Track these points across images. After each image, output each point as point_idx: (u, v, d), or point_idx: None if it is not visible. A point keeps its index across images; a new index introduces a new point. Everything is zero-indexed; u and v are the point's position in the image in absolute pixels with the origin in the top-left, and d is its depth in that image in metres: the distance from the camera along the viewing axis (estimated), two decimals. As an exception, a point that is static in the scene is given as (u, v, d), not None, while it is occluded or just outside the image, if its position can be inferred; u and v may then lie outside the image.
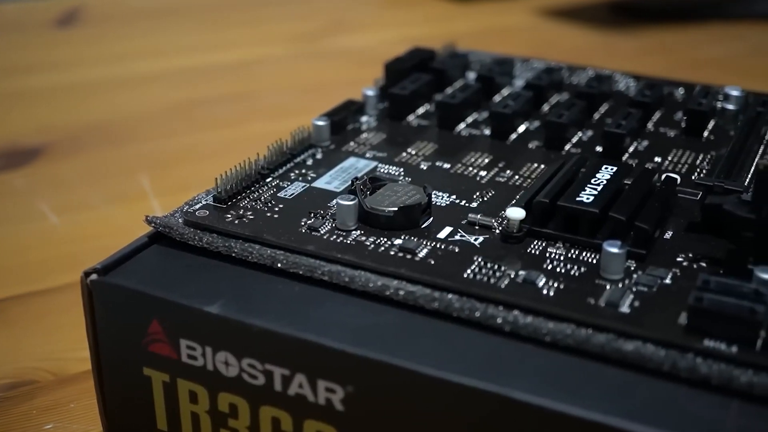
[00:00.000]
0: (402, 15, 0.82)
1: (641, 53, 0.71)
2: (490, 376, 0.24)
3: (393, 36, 0.74)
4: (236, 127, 0.56)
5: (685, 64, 0.68)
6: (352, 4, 0.86)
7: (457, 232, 0.30)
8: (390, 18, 0.82)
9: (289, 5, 0.83)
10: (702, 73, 0.63)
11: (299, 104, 0.60)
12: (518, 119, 0.38)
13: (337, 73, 0.66)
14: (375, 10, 0.86)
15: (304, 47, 0.72)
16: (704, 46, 0.72)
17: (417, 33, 0.74)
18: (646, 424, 0.23)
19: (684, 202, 0.32)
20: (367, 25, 0.79)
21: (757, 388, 0.23)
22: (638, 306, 0.26)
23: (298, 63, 0.69)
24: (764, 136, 0.37)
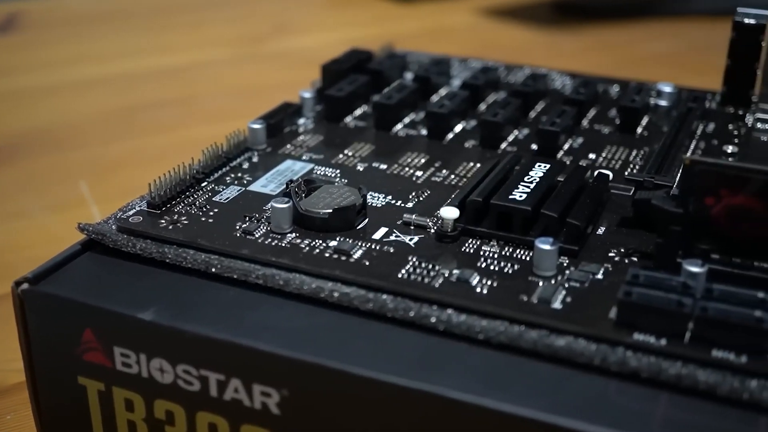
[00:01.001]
0: (345, 16, 0.82)
1: (583, 51, 0.72)
2: (424, 375, 0.24)
3: (336, 38, 0.74)
4: (178, 131, 0.56)
5: (625, 61, 0.69)
6: (295, 6, 0.86)
7: (393, 232, 0.30)
8: (333, 19, 0.82)
9: (232, 8, 0.83)
10: (642, 70, 0.64)
11: (242, 108, 0.60)
12: (455, 119, 0.38)
13: (280, 76, 0.66)
14: (318, 11, 0.85)
15: (246, 50, 0.72)
16: (644, 43, 0.73)
17: (360, 34, 0.74)
18: (576, 418, 0.23)
19: (617, 197, 0.32)
20: (311, 27, 0.79)
21: (685, 380, 0.24)
22: (570, 302, 0.26)
23: (241, 66, 0.68)
24: (696, 131, 0.38)
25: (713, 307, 0.25)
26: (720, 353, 0.24)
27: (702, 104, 0.39)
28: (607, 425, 0.23)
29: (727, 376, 0.24)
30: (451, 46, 0.69)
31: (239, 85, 0.64)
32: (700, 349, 0.24)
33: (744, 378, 0.24)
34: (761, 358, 0.24)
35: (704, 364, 0.24)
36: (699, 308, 0.25)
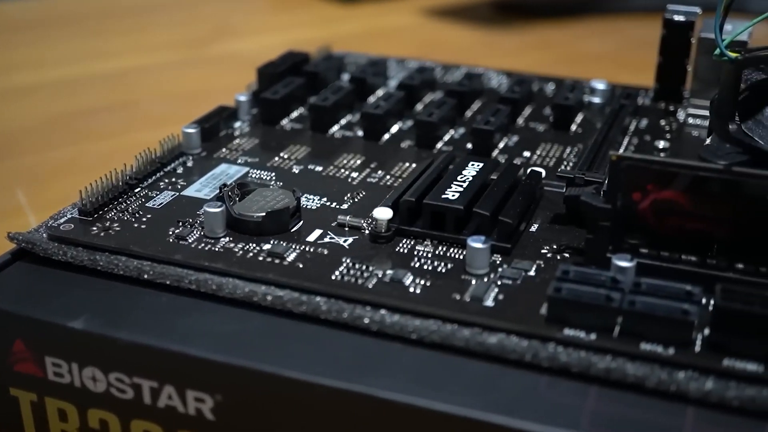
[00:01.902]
0: (288, 19, 0.81)
1: (523, 50, 0.72)
2: (357, 376, 0.24)
3: (279, 40, 0.73)
4: (118, 137, 0.55)
5: (565, 58, 0.69)
6: (238, 9, 0.85)
7: (327, 234, 0.30)
8: (276, 22, 0.81)
9: (173, 12, 0.82)
10: (581, 68, 0.65)
11: (184, 112, 0.59)
12: (391, 119, 0.38)
13: (222, 79, 0.65)
14: (261, 14, 0.85)
15: (188, 54, 0.71)
16: (583, 41, 0.74)
17: (303, 36, 0.74)
18: (506, 415, 0.23)
19: (550, 195, 0.33)
20: (253, 29, 0.79)
21: (614, 374, 0.24)
22: (502, 299, 0.27)
23: (183, 70, 0.68)
24: (629, 128, 0.39)
25: (641, 300, 0.25)
26: (648, 346, 0.25)
27: (635, 101, 0.40)
28: (537, 421, 0.23)
29: (655, 369, 0.24)
30: (393, 47, 0.69)
31: (181, 90, 0.64)
32: (629, 342, 0.25)
33: (671, 370, 0.24)
34: (688, 350, 0.24)
35: (633, 357, 0.24)
36: (627, 302, 0.25)
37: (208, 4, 0.85)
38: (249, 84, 0.41)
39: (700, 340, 0.25)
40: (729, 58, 0.29)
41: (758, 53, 0.29)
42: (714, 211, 0.27)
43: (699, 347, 0.25)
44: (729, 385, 0.23)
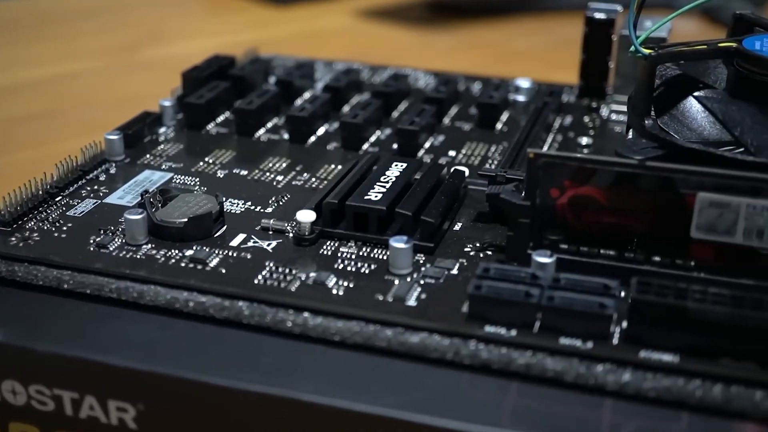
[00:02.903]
0: (222, 22, 0.81)
1: (457, 49, 0.73)
2: (279, 380, 0.24)
3: (213, 44, 0.73)
4: (44, 146, 0.54)
5: (498, 57, 0.70)
6: (171, 13, 0.84)
7: (251, 238, 0.30)
8: (210, 26, 0.81)
9: (104, 17, 0.81)
10: (514, 66, 0.65)
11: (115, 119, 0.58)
12: (317, 122, 0.38)
13: (155, 85, 0.64)
14: (195, 18, 0.84)
15: (120, 59, 0.70)
16: (516, 40, 0.75)
17: (236, 39, 0.73)
18: (428, 413, 0.23)
19: (474, 193, 0.33)
20: (186, 34, 0.78)
21: (534, 369, 0.24)
22: (425, 298, 0.27)
23: (114, 76, 0.67)
24: (553, 125, 0.39)
25: (559, 296, 0.25)
26: (567, 341, 0.25)
27: (558, 98, 0.40)
28: (458, 418, 0.23)
29: (574, 363, 0.24)
30: (328, 49, 0.69)
31: (111, 96, 0.63)
32: (549, 337, 0.25)
33: (590, 363, 0.24)
34: (606, 343, 0.25)
35: (553, 352, 0.25)
36: (546, 298, 0.25)
37: (139, 9, 0.84)
38: (174, 89, 0.40)
39: (618, 333, 0.25)
40: (643, 54, 0.30)
41: (671, 49, 0.30)
42: (630, 205, 0.27)
43: (617, 340, 0.25)
44: (646, 376, 0.24)
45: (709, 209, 0.26)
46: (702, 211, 0.26)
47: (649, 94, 0.30)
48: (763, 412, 0.23)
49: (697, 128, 0.29)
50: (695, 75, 0.32)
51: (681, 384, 0.24)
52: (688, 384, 0.23)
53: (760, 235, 0.26)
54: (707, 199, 0.26)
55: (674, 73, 0.32)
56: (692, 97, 0.30)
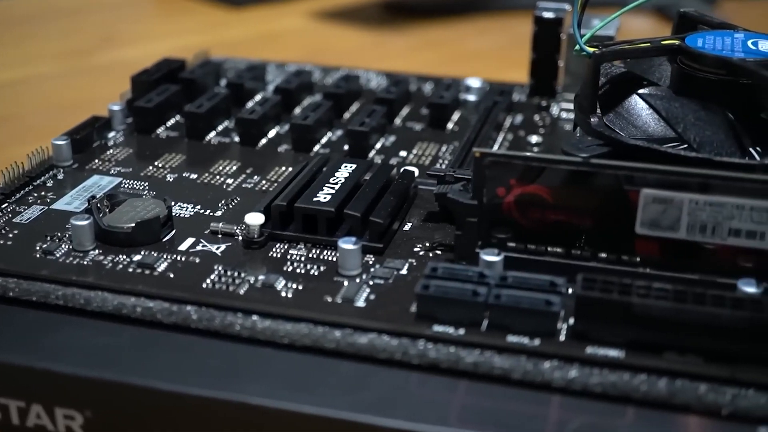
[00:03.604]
0: (177, 25, 0.80)
1: (412, 50, 0.73)
2: (228, 384, 0.24)
3: (168, 47, 0.72)
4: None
5: (453, 57, 0.70)
6: (125, 16, 0.84)
7: (200, 242, 0.30)
8: (165, 29, 0.80)
9: (56, 22, 0.80)
10: (469, 66, 0.65)
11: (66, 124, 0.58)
12: (268, 124, 0.38)
13: (106, 89, 0.64)
14: (148, 21, 0.84)
15: (74, 64, 0.70)
16: (471, 39, 0.75)
17: (192, 42, 0.72)
18: (376, 414, 0.23)
19: (425, 193, 0.33)
20: (141, 37, 0.78)
21: (482, 367, 0.24)
22: (374, 299, 0.27)
23: (68, 81, 0.66)
24: (503, 124, 0.39)
25: (506, 294, 0.25)
26: (515, 338, 0.25)
27: (509, 97, 0.41)
28: (406, 418, 0.23)
29: (521, 360, 0.24)
30: (282, 51, 0.68)
31: (63, 101, 0.62)
32: (497, 336, 0.25)
33: (537, 361, 0.24)
34: (553, 340, 0.25)
35: (500, 350, 0.25)
36: (493, 296, 0.25)
37: (93, 13, 0.83)
38: (123, 93, 0.40)
39: (565, 330, 0.25)
40: (587, 53, 0.30)
41: (615, 47, 0.30)
42: (576, 202, 0.27)
43: (564, 337, 0.25)
44: (592, 372, 0.24)
45: (653, 205, 0.26)
46: (646, 207, 0.26)
47: (594, 92, 0.30)
48: (706, 405, 0.23)
49: (642, 125, 0.30)
50: (641, 73, 0.33)
51: (626, 379, 0.24)
52: (633, 379, 0.24)
53: (703, 230, 0.26)
54: (651, 196, 0.26)
55: (619, 71, 0.32)
56: (636, 94, 0.30)
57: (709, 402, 0.23)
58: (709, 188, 0.26)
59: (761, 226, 0.26)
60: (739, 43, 0.30)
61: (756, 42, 0.30)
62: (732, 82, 0.29)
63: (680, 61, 0.31)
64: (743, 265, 0.27)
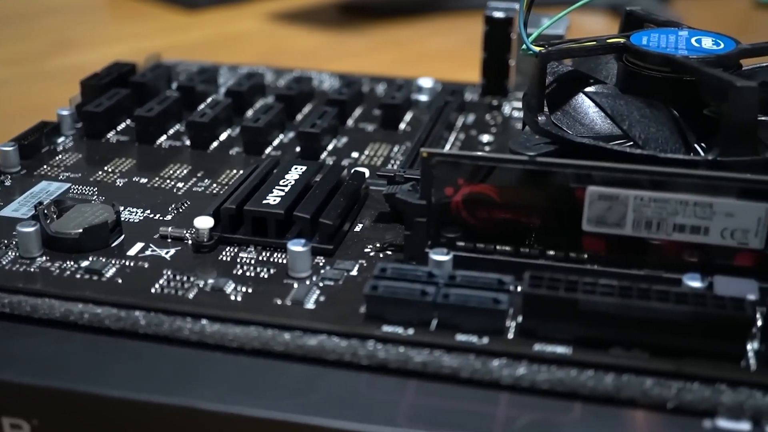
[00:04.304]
0: (131, 29, 0.80)
1: (369, 50, 0.73)
2: (177, 389, 0.24)
3: (123, 51, 0.72)
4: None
5: (411, 58, 0.70)
6: (79, 20, 0.83)
7: (149, 247, 0.29)
8: (120, 33, 0.80)
9: (8, 26, 0.79)
10: (426, 66, 0.66)
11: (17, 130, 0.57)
12: (219, 127, 0.38)
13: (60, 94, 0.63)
14: (103, 26, 0.83)
15: (25, 69, 0.69)
16: (428, 39, 0.75)
17: (148, 46, 0.72)
18: (326, 416, 0.23)
19: (376, 194, 0.33)
20: (95, 41, 0.77)
21: (431, 367, 0.25)
22: (324, 301, 0.27)
23: (18, 86, 0.66)
24: (455, 124, 0.39)
25: (454, 293, 0.25)
26: (464, 337, 0.25)
27: (461, 97, 0.41)
28: (355, 419, 0.23)
29: (469, 359, 0.25)
30: (239, 54, 0.68)
31: (16, 107, 0.61)
32: (446, 335, 0.25)
33: (486, 359, 0.25)
34: (501, 338, 0.25)
35: (449, 349, 0.25)
36: (441, 296, 0.25)
37: (46, 17, 0.83)
38: (72, 97, 0.40)
39: (513, 328, 0.26)
40: (533, 52, 0.30)
41: (560, 46, 0.30)
42: (524, 201, 0.27)
43: (512, 334, 0.25)
44: (540, 369, 0.24)
45: (599, 202, 0.26)
46: (592, 204, 0.26)
47: (541, 91, 0.30)
48: (652, 399, 0.23)
49: (589, 123, 0.30)
50: (589, 71, 0.33)
51: (574, 375, 0.24)
52: (580, 375, 0.24)
53: (648, 226, 0.26)
54: (596, 193, 0.26)
55: (566, 70, 0.32)
56: (582, 93, 0.30)
57: (655, 396, 0.23)
58: (654, 185, 0.26)
59: (705, 221, 0.26)
60: (683, 41, 0.31)
61: (699, 39, 0.31)
62: (676, 79, 0.29)
63: (626, 59, 0.31)
64: (688, 260, 0.27)
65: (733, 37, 0.31)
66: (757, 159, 0.27)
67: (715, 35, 0.31)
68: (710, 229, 0.26)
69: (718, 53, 0.29)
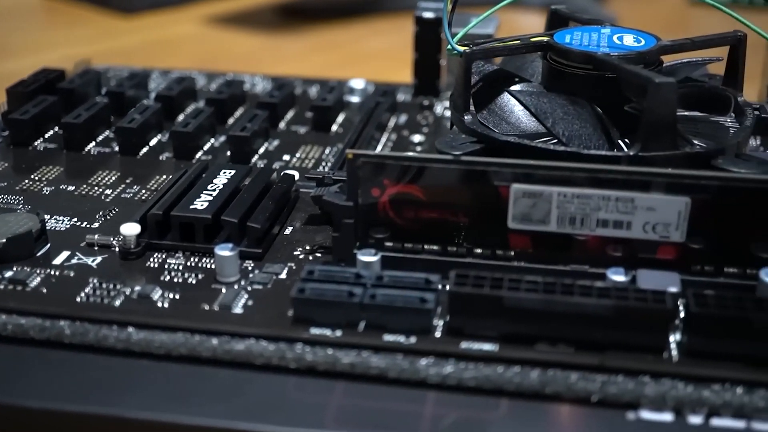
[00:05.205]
0: (67, 35, 0.79)
1: (309, 52, 0.73)
2: (103, 399, 0.24)
3: (57, 57, 0.71)
4: None
5: (351, 59, 0.70)
6: (13, 26, 0.82)
7: (75, 255, 0.29)
8: (54, 38, 0.79)
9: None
10: (365, 67, 0.66)
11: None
12: (149, 133, 0.38)
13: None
14: (38, 31, 0.82)
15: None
16: (368, 40, 0.75)
17: (83, 51, 0.71)
18: (253, 420, 0.23)
19: (306, 196, 0.33)
20: (30, 47, 0.76)
21: (359, 368, 0.25)
22: (252, 305, 0.27)
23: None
24: (387, 124, 0.39)
25: (381, 293, 0.25)
26: (391, 337, 0.25)
27: (392, 98, 0.41)
28: (283, 423, 0.23)
29: (397, 359, 0.25)
30: (176, 58, 0.68)
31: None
32: (373, 336, 0.25)
33: (413, 358, 0.25)
34: (428, 337, 0.25)
35: (377, 349, 0.25)
36: (368, 296, 0.25)
37: (-21, 24, 0.81)
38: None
39: (440, 327, 0.26)
40: (458, 52, 0.30)
41: (484, 46, 0.31)
42: (450, 200, 0.28)
43: (439, 333, 0.25)
44: (467, 366, 0.24)
45: (523, 200, 0.27)
46: (516, 201, 0.27)
47: (467, 91, 0.30)
48: (576, 393, 0.24)
49: (515, 122, 0.30)
50: (515, 70, 0.33)
51: (500, 372, 0.24)
52: (506, 371, 0.24)
53: (572, 222, 0.27)
54: (521, 190, 0.27)
55: (492, 69, 0.32)
56: (507, 91, 0.31)
57: (579, 390, 0.24)
58: (577, 181, 0.26)
59: (627, 216, 0.26)
60: (605, 38, 0.31)
61: (621, 37, 0.31)
62: (598, 77, 0.30)
63: (549, 58, 0.31)
64: (613, 254, 0.27)
65: (655, 34, 0.31)
66: (677, 153, 0.28)
67: (636, 32, 0.32)
68: (632, 224, 0.26)
69: (639, 50, 0.30)
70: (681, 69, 0.32)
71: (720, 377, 0.24)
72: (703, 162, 0.28)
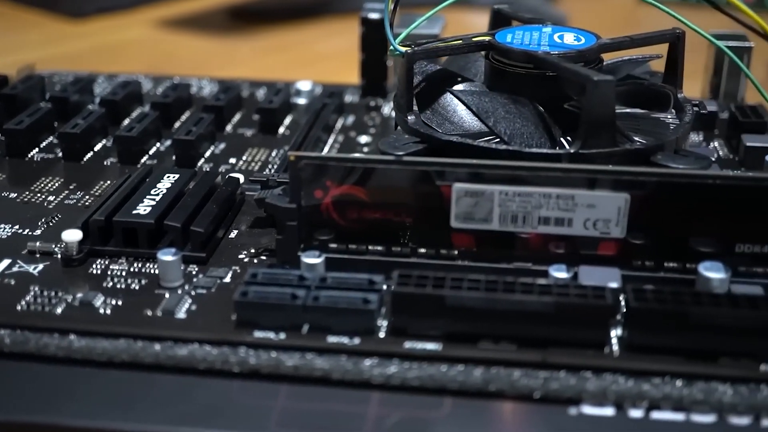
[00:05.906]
0: (15, 40, 0.78)
1: (262, 55, 0.73)
2: (44, 407, 0.24)
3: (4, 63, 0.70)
4: None
5: (302, 61, 0.70)
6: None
7: (16, 263, 0.29)
8: (3, 44, 0.78)
9: None
10: (318, 68, 0.66)
11: None
12: (93, 138, 0.37)
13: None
14: (-14, 36, 0.81)
15: None
16: (321, 42, 0.75)
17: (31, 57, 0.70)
18: (197, 426, 0.23)
19: (252, 199, 0.33)
20: (-23, 53, 0.75)
21: (302, 370, 0.24)
22: (195, 309, 0.27)
23: None
24: (334, 126, 0.39)
25: (325, 295, 0.25)
26: (335, 339, 0.25)
27: (339, 99, 0.41)
28: (226, 428, 0.23)
29: (341, 360, 0.25)
30: (127, 62, 0.67)
31: None
32: (317, 337, 0.25)
33: (357, 359, 0.25)
34: (372, 338, 0.25)
35: (321, 351, 0.25)
36: (312, 298, 0.25)
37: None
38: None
39: (384, 327, 0.26)
40: (400, 52, 0.30)
41: (427, 46, 0.31)
42: (393, 200, 0.28)
43: (383, 333, 0.25)
44: (411, 366, 0.24)
45: (465, 199, 0.27)
46: (459, 201, 0.27)
47: (409, 91, 0.30)
48: (519, 390, 0.24)
49: (458, 121, 0.30)
50: (459, 70, 0.33)
51: (444, 370, 0.24)
52: (450, 370, 0.24)
53: (514, 220, 0.27)
54: (462, 190, 0.27)
55: (435, 69, 0.33)
56: (449, 91, 0.31)
57: (522, 387, 0.24)
58: (517, 179, 0.26)
59: (568, 213, 0.27)
60: (546, 37, 0.31)
61: (562, 35, 0.31)
62: (539, 75, 0.30)
63: (491, 57, 0.31)
64: (555, 251, 0.27)
65: (595, 33, 0.32)
66: (617, 150, 0.28)
67: (577, 31, 0.32)
68: (573, 221, 0.27)
69: (579, 48, 0.30)
70: (622, 67, 0.33)
71: (660, 371, 0.24)
72: (643, 158, 0.28)
